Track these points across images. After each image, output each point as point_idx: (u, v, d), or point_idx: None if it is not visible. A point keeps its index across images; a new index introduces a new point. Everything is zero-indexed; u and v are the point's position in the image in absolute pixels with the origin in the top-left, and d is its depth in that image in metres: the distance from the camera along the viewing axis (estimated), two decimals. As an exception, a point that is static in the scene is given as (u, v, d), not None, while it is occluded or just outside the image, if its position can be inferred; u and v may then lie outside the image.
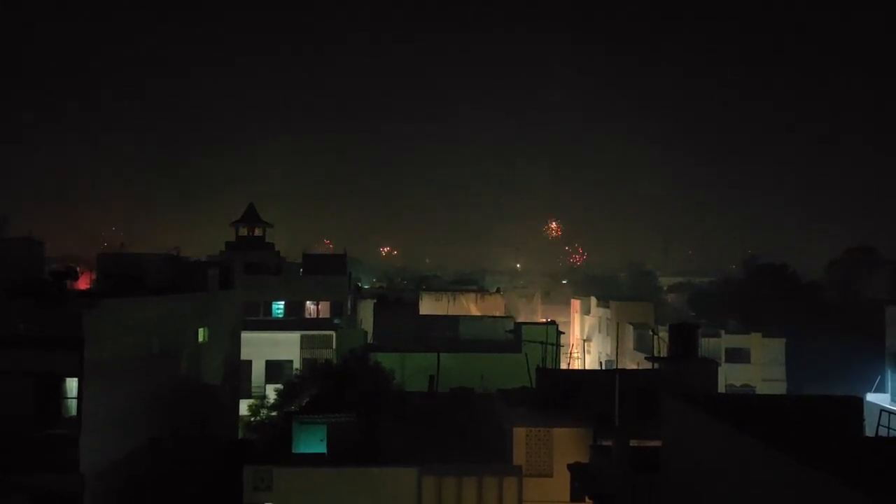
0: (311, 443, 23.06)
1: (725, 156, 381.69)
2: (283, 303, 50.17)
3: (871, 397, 36.29)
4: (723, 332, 50.07)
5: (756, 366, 48.92)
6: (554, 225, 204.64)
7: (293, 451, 23.00)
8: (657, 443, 15.87)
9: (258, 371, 44.63)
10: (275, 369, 44.42)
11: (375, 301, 57.15)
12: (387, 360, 36.39)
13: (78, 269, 32.38)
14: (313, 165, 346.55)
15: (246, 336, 38.61)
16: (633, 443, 18.49)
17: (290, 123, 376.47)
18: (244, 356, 38.76)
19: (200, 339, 30.45)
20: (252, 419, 36.26)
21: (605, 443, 20.50)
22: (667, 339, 27.78)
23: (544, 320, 63.62)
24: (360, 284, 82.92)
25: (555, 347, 38.75)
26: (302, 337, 46.42)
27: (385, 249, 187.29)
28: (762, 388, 45.90)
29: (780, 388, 45.94)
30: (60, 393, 21.79)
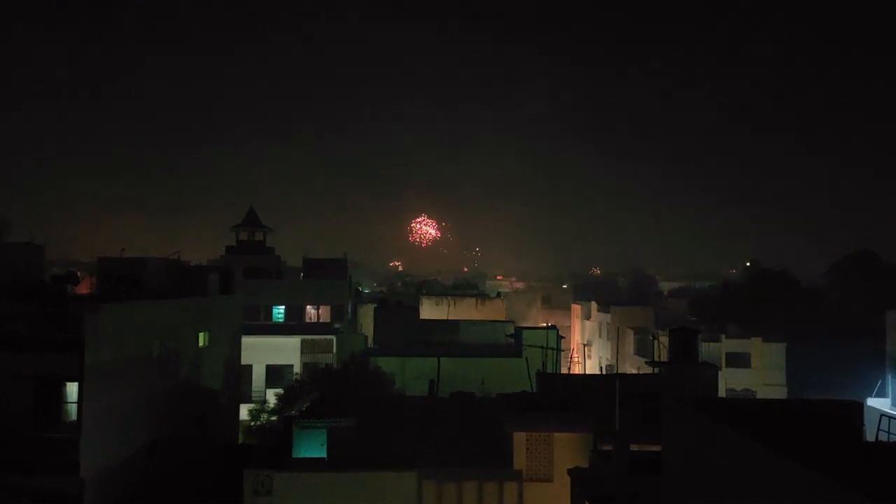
0: (312, 447, 23.05)
1: (726, 160, 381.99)
2: (283, 307, 50.15)
3: (871, 402, 36.27)
4: (723, 336, 50.01)
5: (756, 370, 48.87)
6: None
7: (293, 456, 22.98)
8: (657, 447, 15.85)
9: (258, 375, 44.60)
10: (275, 373, 44.42)
11: (376, 305, 57.12)
12: (387, 364, 36.35)
13: (79, 273, 32.42)
14: (312, 169, 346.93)
15: (246, 340, 38.61)
16: (633, 447, 18.48)
17: (288, 128, 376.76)
18: (244, 360, 38.76)
19: (201, 343, 30.45)
20: (252, 423, 36.23)
21: (605, 447, 20.49)
22: (667, 344, 27.80)
23: (545, 324, 63.67)
24: (360, 289, 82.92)
25: (555, 352, 38.73)
26: (302, 341, 46.39)
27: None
28: (763, 393, 45.84)
29: (780, 393, 45.88)
30: (61, 396, 21.80)
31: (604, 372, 57.54)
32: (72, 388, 21.67)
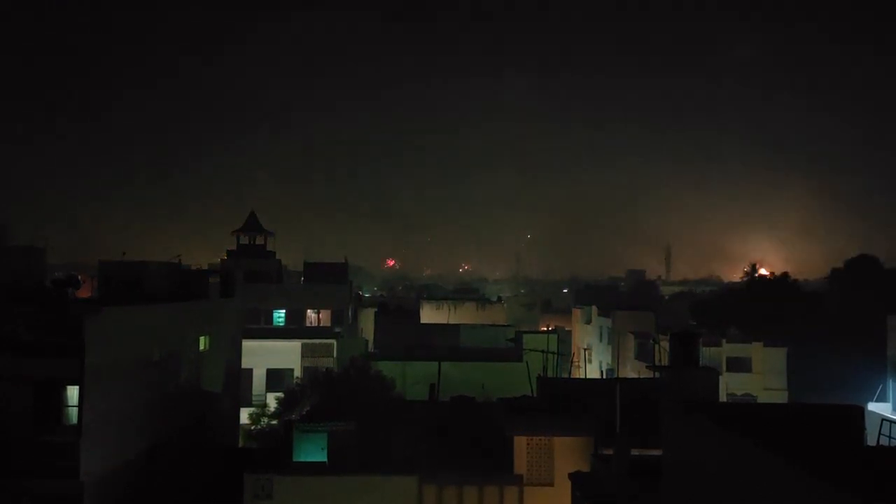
0: (312, 451, 23.02)
1: (726, 165, 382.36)
2: (283, 311, 50.12)
3: (872, 407, 36.24)
4: (724, 340, 49.94)
5: (757, 375, 48.80)
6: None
7: (294, 460, 22.95)
8: (659, 451, 15.83)
9: (259, 379, 44.57)
10: (275, 377, 44.39)
11: (376, 309, 57.19)
12: (387, 368, 36.38)
13: (80, 277, 32.40)
14: (312, 174, 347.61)
15: (247, 344, 38.60)
16: (634, 451, 18.44)
17: (288, 131, 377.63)
18: (245, 364, 38.75)
19: (201, 347, 30.43)
20: (252, 427, 36.23)
21: (606, 451, 20.45)
22: (668, 348, 27.72)
23: (545, 328, 63.67)
24: (361, 293, 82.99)
25: (556, 356, 38.74)
26: (303, 345, 46.39)
27: (390, 262, 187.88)
28: (763, 398, 45.78)
29: (781, 398, 45.80)
30: (61, 400, 21.78)
31: (604, 376, 57.46)
32: (72, 392, 21.64)
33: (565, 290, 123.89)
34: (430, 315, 64.26)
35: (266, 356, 44.72)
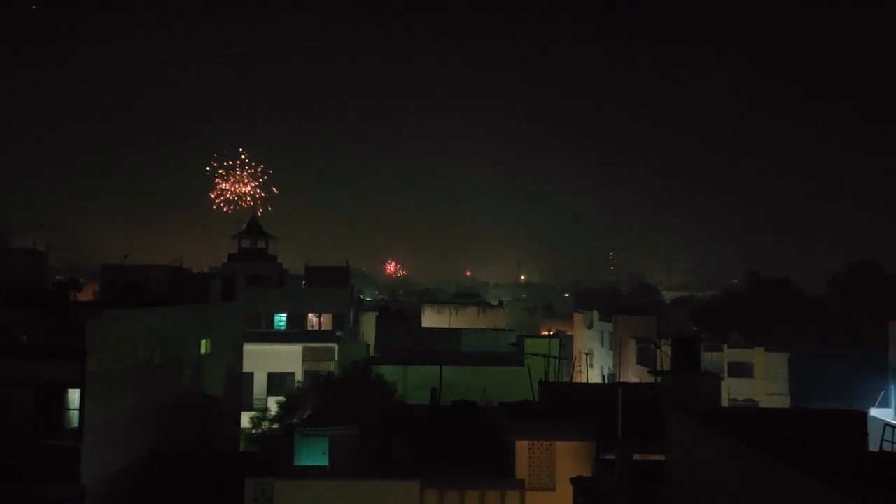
0: (313, 455, 23.00)
1: (728, 170, 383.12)
2: (285, 315, 50.08)
3: (874, 412, 36.12)
4: (725, 346, 49.86)
5: (759, 380, 48.72)
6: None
7: (295, 464, 22.94)
8: (660, 456, 15.81)
9: (260, 383, 44.53)
10: (277, 381, 44.35)
11: (377, 313, 57.10)
12: (389, 372, 36.28)
13: (81, 280, 32.44)
14: (313, 177, 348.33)
15: (248, 348, 38.57)
16: (636, 456, 18.42)
17: (288, 136, 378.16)
18: (246, 368, 38.71)
19: (202, 350, 30.44)
20: (254, 431, 36.12)
21: (608, 456, 20.42)
22: (669, 353, 27.73)
23: (547, 333, 63.62)
24: (362, 297, 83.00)
25: (557, 360, 38.68)
26: (304, 349, 46.35)
27: (392, 267, 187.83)
28: (765, 403, 45.68)
29: (783, 403, 45.72)
30: (62, 403, 21.77)
31: (606, 381, 57.38)
32: (73, 396, 21.64)
33: (566, 295, 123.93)
34: (431, 319, 64.24)
35: (267, 360, 44.68)
